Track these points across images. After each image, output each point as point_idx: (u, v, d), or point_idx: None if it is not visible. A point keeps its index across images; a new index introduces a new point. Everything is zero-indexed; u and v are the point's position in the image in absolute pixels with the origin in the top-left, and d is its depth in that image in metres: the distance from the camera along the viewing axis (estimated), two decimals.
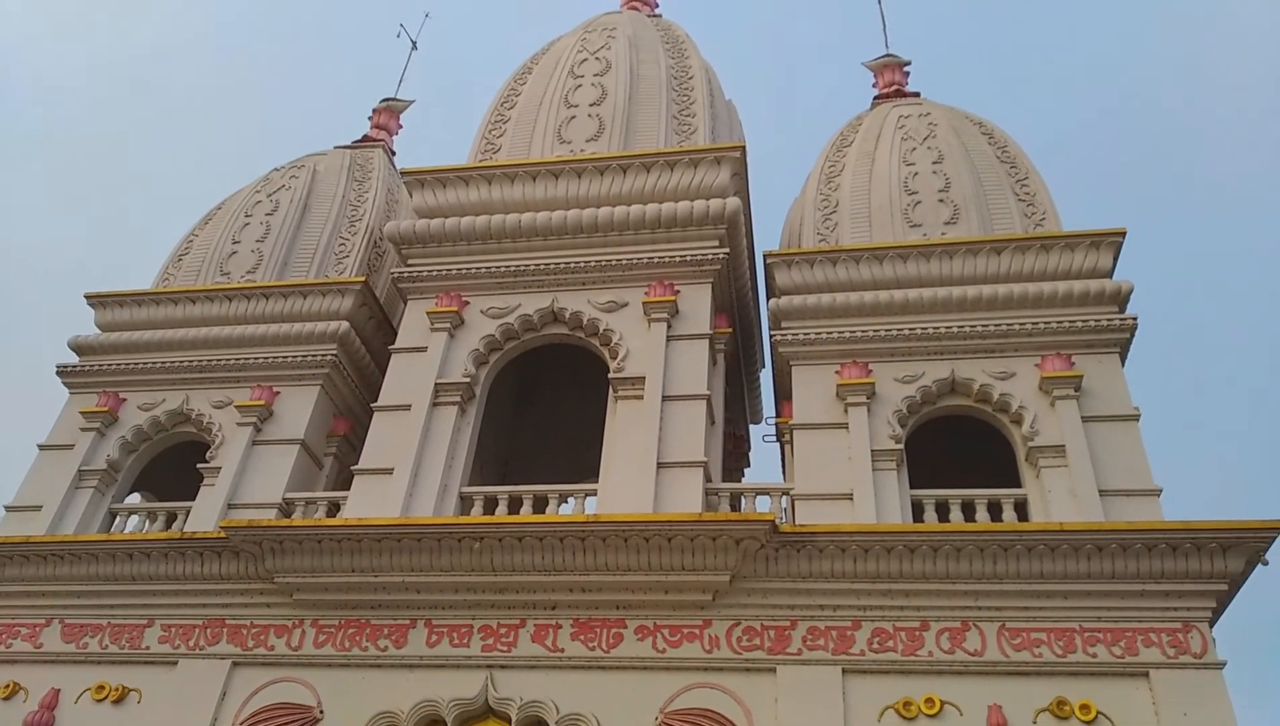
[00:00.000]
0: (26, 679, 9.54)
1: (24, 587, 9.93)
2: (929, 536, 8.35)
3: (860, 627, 8.36)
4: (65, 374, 11.86)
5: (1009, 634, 8.10)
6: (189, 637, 9.44)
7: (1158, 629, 7.92)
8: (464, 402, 10.43)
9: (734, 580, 8.58)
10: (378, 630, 9.11)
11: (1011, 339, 9.77)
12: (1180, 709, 7.54)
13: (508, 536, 8.83)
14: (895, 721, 7.90)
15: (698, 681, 8.38)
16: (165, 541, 9.67)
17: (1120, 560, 8.03)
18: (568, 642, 8.72)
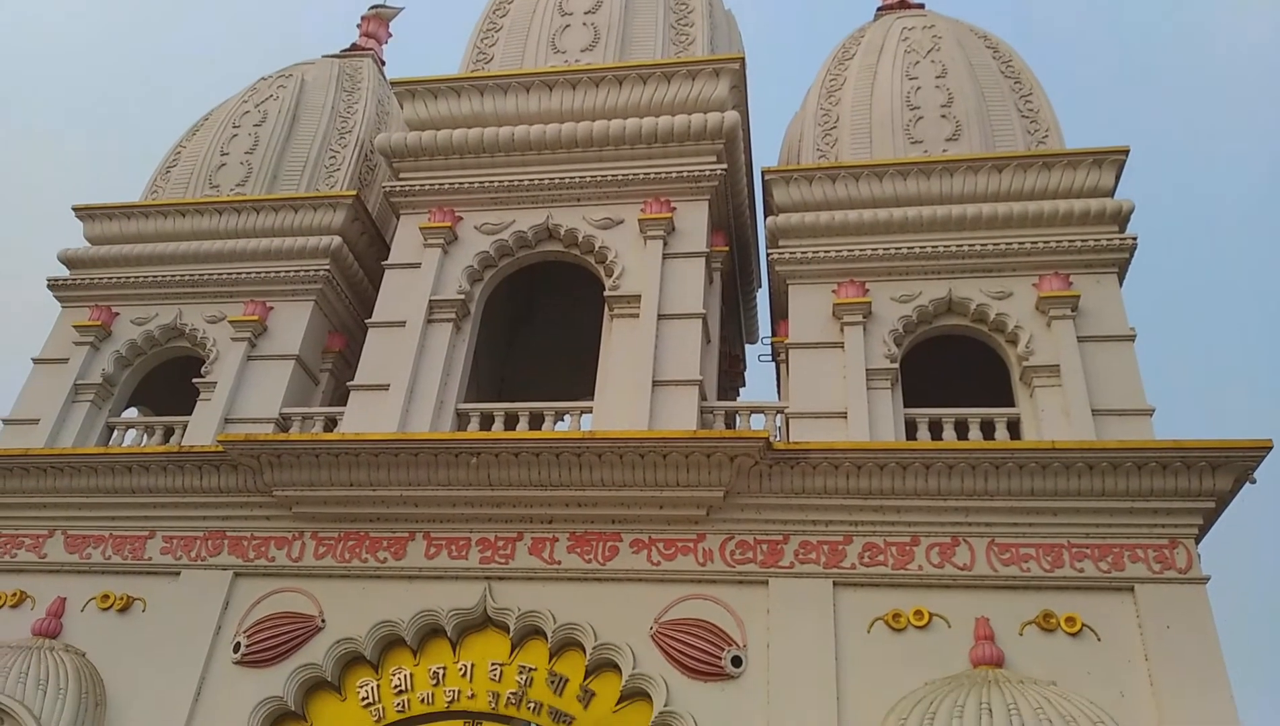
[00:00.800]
0: (33, 588, 9.71)
1: (25, 499, 10.02)
2: (921, 454, 8.43)
3: (851, 542, 8.51)
4: (56, 287, 11.77)
5: (998, 549, 8.26)
6: (190, 549, 9.58)
7: (1144, 545, 8.08)
8: (459, 320, 10.39)
9: (728, 496, 8.70)
10: (377, 542, 9.25)
11: (1010, 258, 9.71)
12: (1164, 622, 7.73)
13: (504, 452, 8.90)
14: (884, 632, 8.10)
15: (691, 593, 8.56)
16: (164, 455, 9.73)
17: (1110, 478, 8.14)
18: (564, 555, 8.88)
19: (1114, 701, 7.40)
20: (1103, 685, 7.53)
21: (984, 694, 7.25)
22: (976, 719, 7.06)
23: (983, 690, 7.29)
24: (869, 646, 8.04)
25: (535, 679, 8.45)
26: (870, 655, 7.98)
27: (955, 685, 7.46)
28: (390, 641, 8.85)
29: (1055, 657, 7.72)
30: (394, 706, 8.57)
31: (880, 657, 7.95)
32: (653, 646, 8.29)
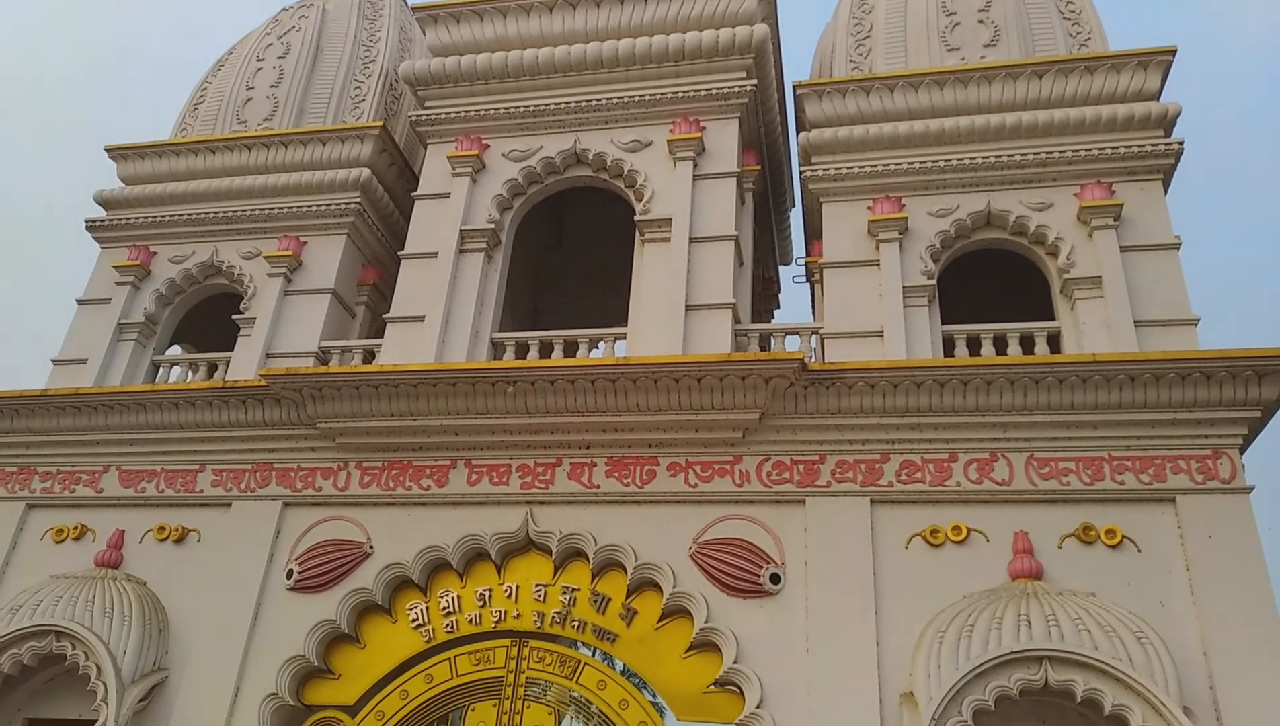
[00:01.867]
0: (93, 521, 10.06)
1: (79, 437, 10.32)
2: (959, 370, 8.36)
3: (889, 460, 8.51)
4: (94, 228, 11.91)
5: (1037, 463, 8.22)
6: (240, 480, 9.84)
7: (1187, 456, 7.99)
8: (490, 249, 10.38)
9: (763, 418, 8.71)
10: (420, 471, 9.43)
11: (1051, 168, 9.45)
12: (1205, 532, 7.69)
13: (540, 380, 8.97)
14: (922, 548, 8.15)
15: (729, 514, 8.65)
16: (209, 390, 9.93)
17: (1153, 389, 8.02)
18: (603, 479, 8.99)
19: (1154, 611, 7.41)
20: (1143, 596, 7.54)
21: (1022, 606, 7.30)
22: (1015, 630, 7.12)
23: (1021, 602, 7.34)
24: (907, 562, 8.10)
25: (578, 598, 8.66)
26: (908, 570, 8.05)
27: (993, 598, 7.51)
28: (437, 565, 9.09)
29: (1094, 569, 7.73)
30: (443, 627, 8.84)
31: (918, 573, 8.01)
32: (692, 565, 8.43)
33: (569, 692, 8.36)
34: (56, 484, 10.30)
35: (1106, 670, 6.76)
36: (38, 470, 10.42)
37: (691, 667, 8.19)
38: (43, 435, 10.40)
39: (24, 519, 10.21)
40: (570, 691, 8.36)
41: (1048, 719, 7.35)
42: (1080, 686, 6.81)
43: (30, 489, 10.33)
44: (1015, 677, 6.92)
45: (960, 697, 6.91)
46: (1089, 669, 6.82)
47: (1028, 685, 6.92)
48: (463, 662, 8.64)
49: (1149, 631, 7.05)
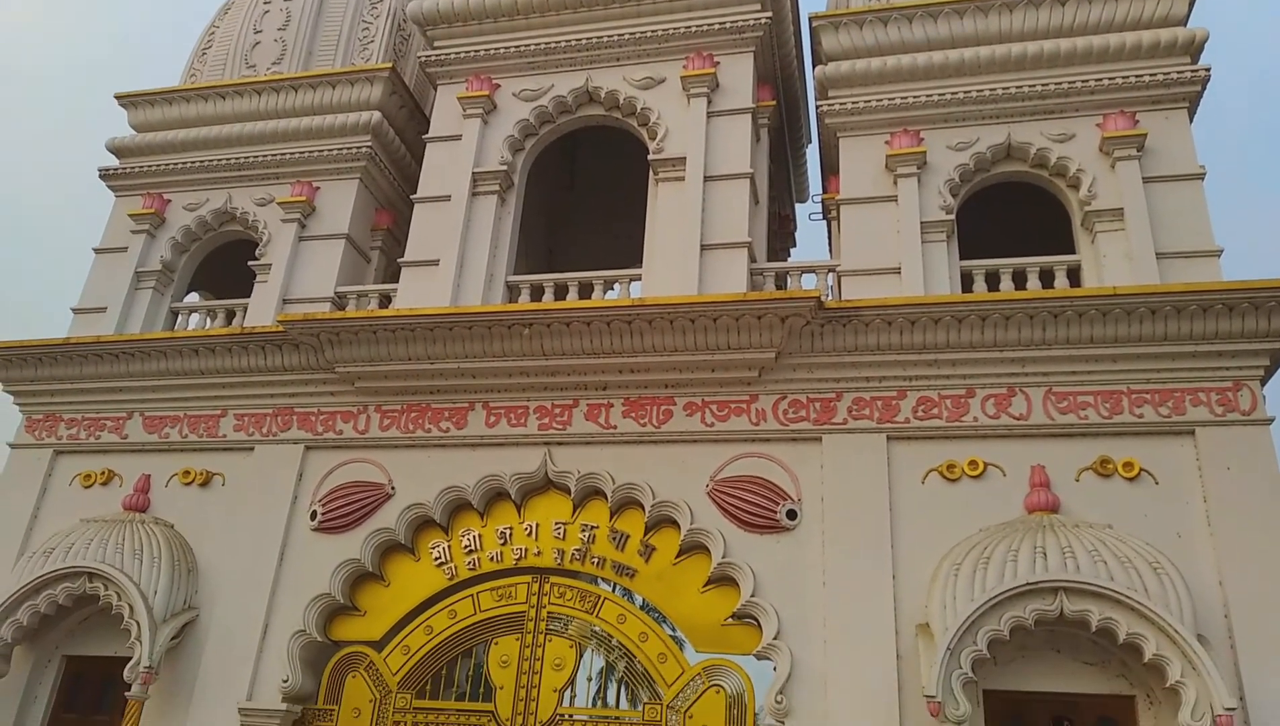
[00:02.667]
0: (119, 466, 10.23)
1: (102, 384, 10.45)
2: (977, 306, 8.30)
3: (905, 397, 8.51)
4: (108, 177, 11.92)
5: (1055, 397, 8.19)
6: (261, 425, 9.97)
7: (1207, 388, 7.95)
8: (503, 191, 10.32)
9: (780, 356, 8.71)
10: (438, 413, 9.51)
11: (1073, 98, 9.25)
12: (1224, 463, 7.67)
13: (555, 322, 8.97)
14: (939, 482, 8.19)
15: (746, 452, 8.70)
16: (228, 336, 10.01)
17: (1174, 322, 7.94)
18: (619, 420, 9.04)
19: (1171, 542, 7.44)
20: (1159, 527, 7.57)
21: (1038, 538, 7.34)
22: (1031, 562, 7.17)
23: (1037, 534, 7.38)
24: (923, 497, 8.14)
25: (597, 536, 8.77)
26: (924, 505, 8.09)
27: (1010, 531, 7.56)
28: (458, 505, 9.22)
29: (1111, 502, 7.75)
30: (465, 564, 9.00)
31: (934, 507, 8.06)
32: (709, 503, 8.51)
33: (590, 627, 8.52)
34: (82, 430, 10.47)
35: (1121, 600, 6.81)
36: (63, 417, 10.58)
37: (709, 601, 8.32)
38: (67, 383, 10.55)
39: (52, 465, 10.40)
40: (591, 625, 8.52)
41: (1062, 648, 7.43)
42: (1095, 616, 6.86)
43: (57, 436, 10.51)
44: (1031, 608, 6.98)
45: (976, 628, 6.98)
46: (1104, 599, 6.87)
47: (1043, 615, 6.98)
48: (485, 599, 8.80)
49: (1165, 562, 7.09)
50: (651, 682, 8.19)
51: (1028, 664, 7.43)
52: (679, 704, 8.05)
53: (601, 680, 8.67)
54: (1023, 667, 7.43)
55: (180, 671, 8.90)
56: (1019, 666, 7.43)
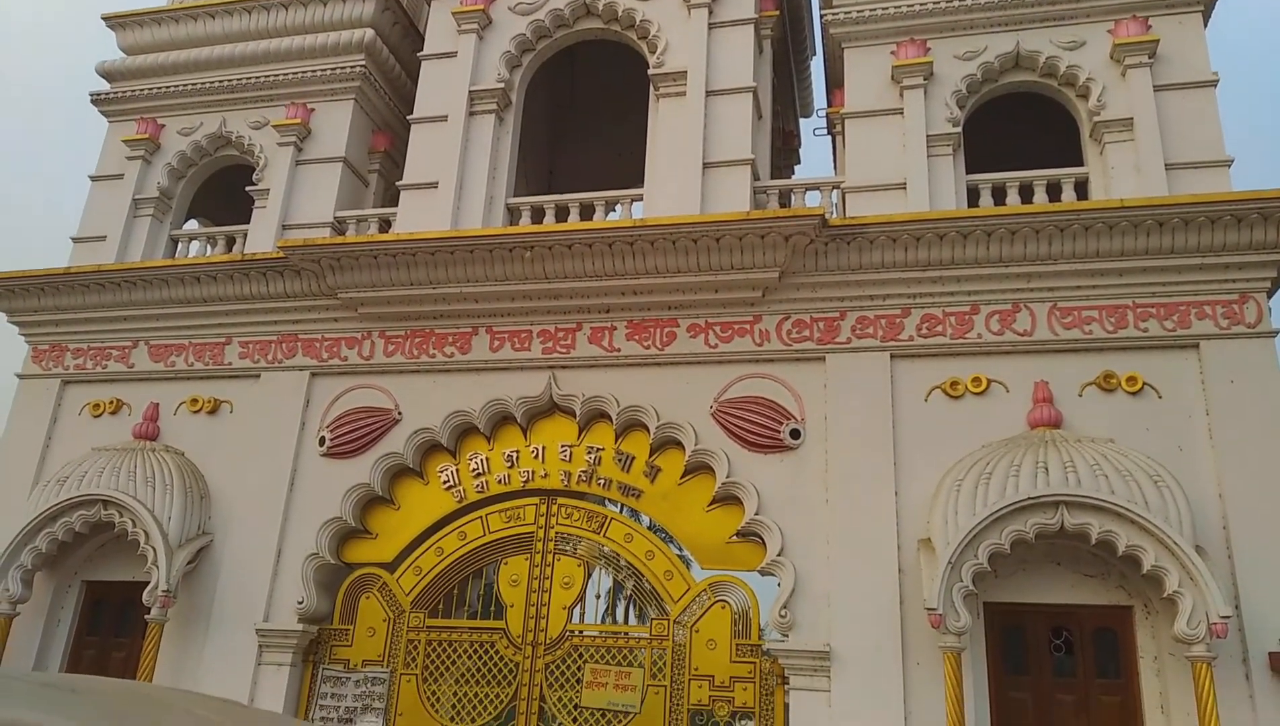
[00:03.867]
0: (127, 395, 10.31)
1: (106, 313, 10.46)
2: (982, 221, 8.19)
3: (909, 315, 8.47)
4: (100, 102, 11.71)
5: (1059, 313, 8.15)
6: (266, 352, 10.00)
7: (1212, 301, 7.90)
8: (500, 110, 10.13)
9: (783, 276, 8.65)
10: (443, 338, 9.52)
11: (1084, 4, 8.96)
12: (1227, 376, 7.67)
13: (557, 245, 8.90)
14: (942, 400, 8.21)
15: (749, 373, 8.71)
16: (229, 263, 9.96)
17: (1181, 234, 7.85)
18: (623, 342, 9.04)
19: (1172, 455, 7.49)
20: (1161, 440, 7.61)
21: (1041, 453, 7.39)
22: (1032, 477, 7.23)
23: (1040, 450, 7.43)
24: (926, 414, 8.18)
25: (603, 458, 8.86)
26: (927, 422, 8.13)
27: (1012, 446, 7.61)
28: (464, 429, 9.30)
29: (1114, 416, 7.78)
30: (474, 487, 9.12)
31: (937, 424, 8.10)
32: (713, 424, 8.56)
33: (598, 547, 8.67)
34: (88, 360, 10.52)
35: (1121, 513, 6.90)
36: (69, 347, 10.62)
37: (714, 520, 8.45)
38: (70, 313, 10.55)
39: (61, 395, 10.48)
40: (599, 545, 8.66)
41: (1062, 560, 7.56)
42: (1095, 529, 6.96)
43: (64, 366, 10.56)
44: (1032, 522, 7.08)
45: (977, 542, 7.09)
46: (1104, 512, 6.96)
47: (1043, 529, 7.08)
48: (494, 520, 8.95)
49: (1165, 475, 7.15)
50: (659, 599, 8.37)
51: (1028, 576, 7.57)
52: (685, 619, 8.24)
53: (610, 597, 8.87)
54: (1023, 580, 7.57)
55: (197, 594, 9.12)
56: (1019, 579, 7.57)
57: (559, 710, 8.27)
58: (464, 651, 8.62)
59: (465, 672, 8.55)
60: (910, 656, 7.47)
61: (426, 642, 8.71)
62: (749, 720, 8.08)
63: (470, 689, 8.48)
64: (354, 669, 8.72)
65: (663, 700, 8.02)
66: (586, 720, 8.23)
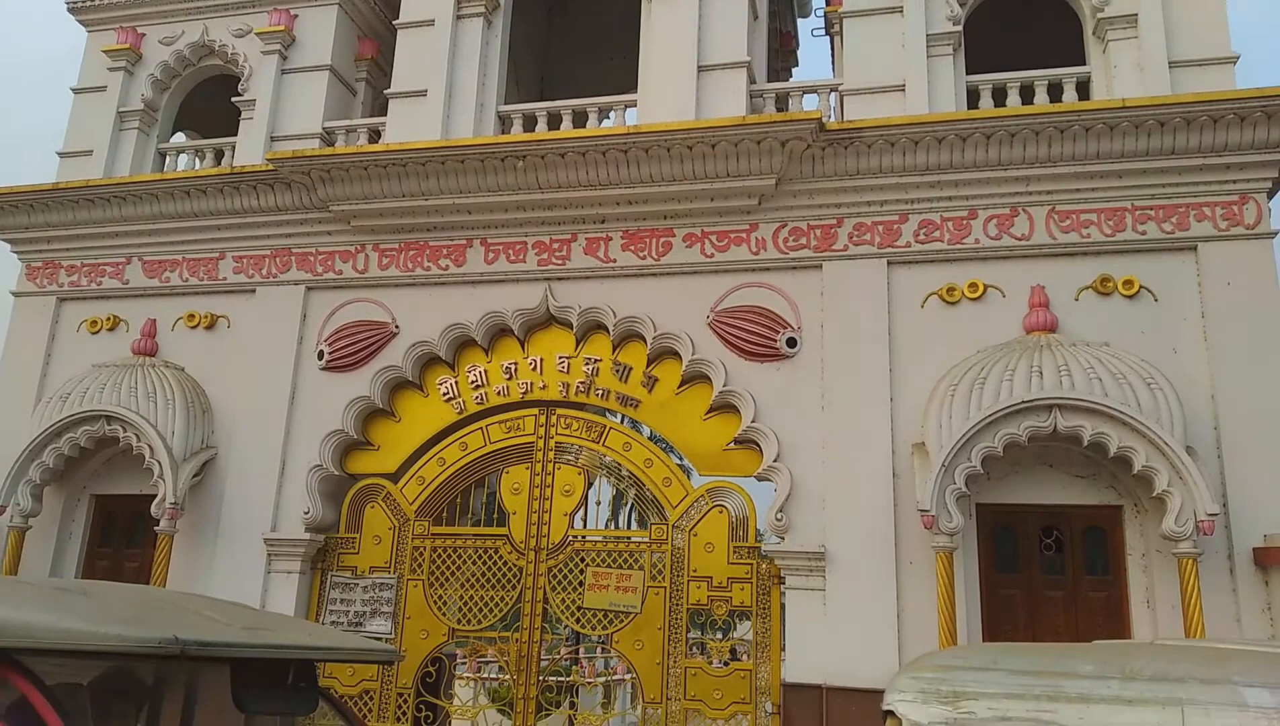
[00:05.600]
0: (124, 312, 10.30)
1: (97, 229, 10.36)
2: (982, 123, 8.06)
3: (907, 220, 8.42)
4: (77, 10, 11.36)
5: (1058, 216, 8.10)
6: (261, 267, 9.95)
7: (1212, 202, 7.83)
8: (489, 13, 9.85)
9: (780, 183, 8.55)
10: (437, 251, 9.47)
11: None
12: (1224, 278, 7.67)
13: (549, 154, 8.78)
14: (938, 306, 8.22)
15: (746, 282, 8.70)
16: (218, 177, 9.83)
17: (1183, 134, 7.73)
18: (619, 253, 9.00)
19: (1166, 358, 7.54)
20: (1156, 343, 7.65)
21: (1035, 357, 7.43)
22: (1027, 381, 7.30)
23: (1034, 354, 7.47)
24: (922, 320, 8.20)
25: (601, 369, 8.91)
26: (923, 329, 8.16)
27: (1007, 351, 7.65)
28: (462, 342, 9.32)
29: (1110, 320, 7.80)
30: (473, 399, 9.20)
31: (933, 330, 8.13)
32: (710, 333, 8.59)
33: (598, 456, 8.79)
34: (83, 277, 10.47)
35: (1114, 414, 6.98)
36: (63, 264, 10.56)
37: (711, 428, 8.55)
38: (61, 229, 10.46)
39: (57, 312, 10.47)
40: (598, 454, 8.78)
41: (1054, 462, 7.68)
42: (1088, 431, 7.05)
43: (58, 283, 10.52)
44: (1025, 425, 7.16)
45: (970, 445, 7.19)
46: (1097, 414, 7.04)
47: (1036, 432, 7.18)
48: (494, 431, 9.05)
49: (1159, 377, 7.21)
50: (658, 505, 8.53)
51: (1020, 478, 7.71)
52: (684, 524, 8.41)
53: (610, 505, 9.02)
54: (1015, 482, 7.71)
55: (205, 506, 9.28)
56: (1012, 481, 7.71)
57: (563, 611, 8.52)
58: (469, 557, 8.83)
59: (471, 577, 8.77)
60: (903, 556, 7.66)
61: (431, 549, 8.91)
62: (746, 619, 8.34)
63: (476, 593, 8.71)
64: (362, 575, 8.95)
65: (663, 601, 8.25)
66: (589, 620, 8.48)
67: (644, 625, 8.24)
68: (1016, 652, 2.46)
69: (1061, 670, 2.21)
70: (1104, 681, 2.14)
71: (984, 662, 2.30)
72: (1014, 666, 2.25)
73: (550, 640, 9.45)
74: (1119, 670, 2.16)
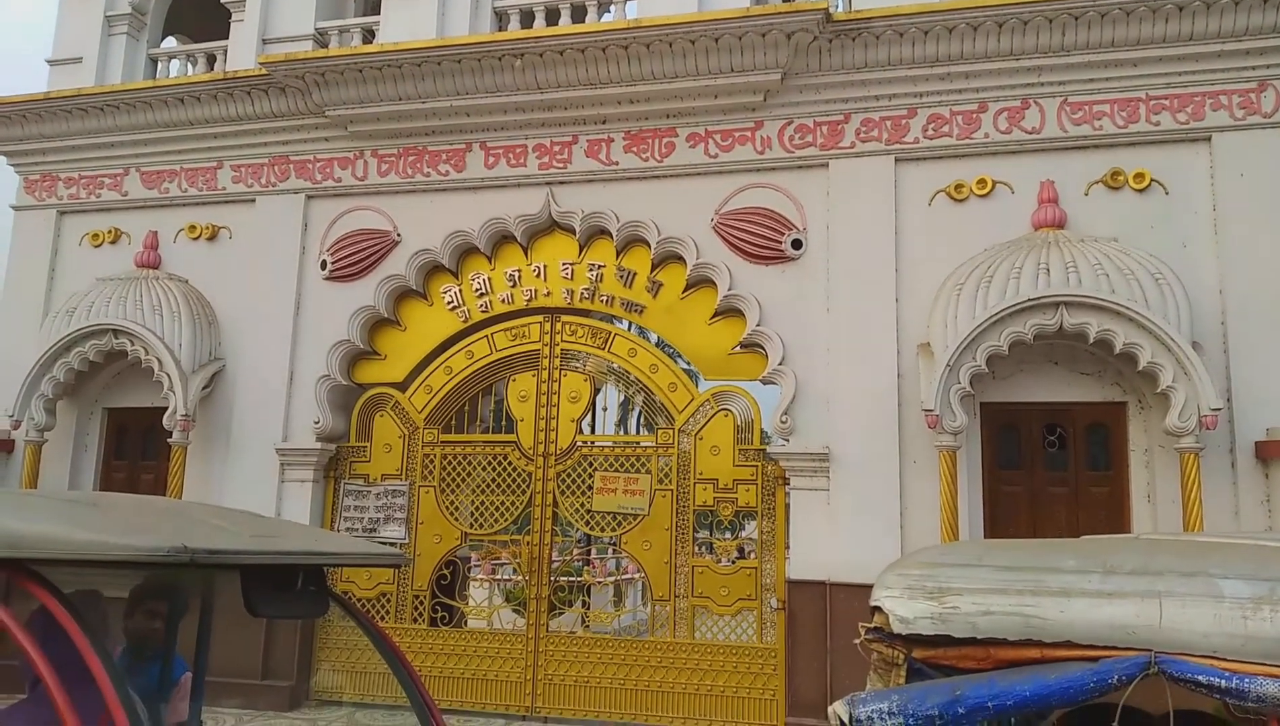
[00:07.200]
0: (125, 224, 10.24)
1: (92, 140, 10.22)
2: (994, 10, 7.77)
3: (915, 115, 8.21)
4: None
5: (1070, 108, 7.87)
6: (259, 175, 9.83)
7: (1229, 90, 7.58)
8: None
9: (785, 78, 8.32)
10: (436, 156, 9.32)
11: None
12: (1238, 170, 7.49)
13: (548, 51, 8.54)
14: (945, 204, 8.08)
15: (751, 182, 8.55)
16: (210, 82, 9.63)
17: (1202, 19, 7.44)
18: (621, 155, 8.84)
19: (1175, 252, 7.43)
20: (1165, 237, 7.53)
21: (1043, 255, 7.33)
22: (1033, 278, 7.21)
23: (1042, 251, 7.36)
24: (929, 218, 8.07)
25: (605, 274, 8.86)
26: (930, 227, 8.04)
27: (1015, 248, 7.54)
28: (465, 250, 9.26)
29: (1119, 215, 7.66)
30: (477, 307, 9.19)
31: (940, 228, 8.01)
32: (714, 236, 8.49)
33: (604, 362, 8.81)
34: (81, 189, 10.38)
35: (1120, 311, 6.91)
36: (60, 177, 10.46)
37: (716, 332, 8.54)
38: (56, 140, 10.32)
39: (59, 226, 10.42)
40: (605, 361, 8.80)
41: (1060, 360, 7.67)
42: (1094, 328, 7.00)
43: (57, 196, 10.44)
44: (1030, 323, 7.11)
45: (975, 345, 7.16)
46: (1103, 311, 6.97)
47: (1042, 330, 7.13)
48: (500, 338, 9.06)
49: (1166, 272, 7.11)
50: (664, 410, 8.59)
51: (1025, 376, 7.71)
52: (690, 427, 8.48)
53: (617, 410, 9.09)
54: (1020, 380, 7.71)
55: (215, 417, 9.39)
56: (1017, 379, 7.71)
57: (572, 515, 8.67)
58: (478, 464, 8.96)
59: (481, 483, 8.91)
60: (907, 456, 7.72)
61: (441, 457, 9.04)
62: (751, 519, 8.49)
63: (487, 497, 8.86)
64: (374, 482, 9.10)
65: (669, 503, 8.39)
66: (598, 523, 8.64)
67: (652, 526, 8.39)
68: (1002, 548, 2.49)
69: (1044, 565, 2.23)
70: (1085, 575, 2.16)
71: (969, 559, 2.33)
72: (998, 562, 2.28)
73: (561, 542, 9.67)
74: (1100, 564, 2.18)
